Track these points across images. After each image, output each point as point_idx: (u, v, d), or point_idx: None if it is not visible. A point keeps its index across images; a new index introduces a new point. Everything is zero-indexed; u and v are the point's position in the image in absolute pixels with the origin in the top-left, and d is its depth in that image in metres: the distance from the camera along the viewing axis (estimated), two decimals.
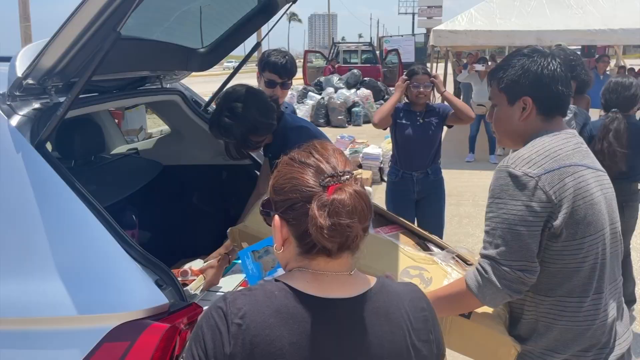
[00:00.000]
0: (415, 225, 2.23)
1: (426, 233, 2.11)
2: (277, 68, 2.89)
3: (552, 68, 1.63)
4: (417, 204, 3.90)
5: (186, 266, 2.39)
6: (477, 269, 1.57)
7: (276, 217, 1.11)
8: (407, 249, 1.91)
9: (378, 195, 6.31)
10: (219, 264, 2.28)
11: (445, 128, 3.96)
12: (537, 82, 1.62)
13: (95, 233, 1.56)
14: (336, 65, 19.09)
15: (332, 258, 1.08)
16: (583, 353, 1.60)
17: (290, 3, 2.57)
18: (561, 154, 1.56)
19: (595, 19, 9.18)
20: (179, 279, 2.01)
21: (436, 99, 4.29)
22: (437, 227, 3.84)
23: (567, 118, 2.74)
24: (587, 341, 1.59)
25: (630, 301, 3.82)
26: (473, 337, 1.73)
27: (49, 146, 1.75)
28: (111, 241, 1.55)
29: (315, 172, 1.07)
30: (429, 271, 1.83)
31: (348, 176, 1.06)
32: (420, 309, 1.15)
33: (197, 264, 2.43)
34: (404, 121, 3.84)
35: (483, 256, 1.57)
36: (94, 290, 1.52)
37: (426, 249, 2.01)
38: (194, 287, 2.22)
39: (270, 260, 1.83)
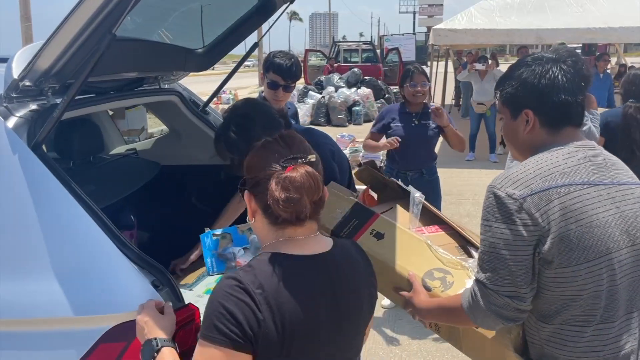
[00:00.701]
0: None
1: (474, 238, 2.02)
2: (282, 70, 2.88)
3: (551, 76, 1.50)
4: None
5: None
6: (470, 291, 1.52)
7: (246, 192, 1.34)
8: (440, 251, 1.87)
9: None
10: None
11: None
12: (535, 93, 1.51)
13: (92, 234, 1.56)
14: (335, 65, 19.04)
15: (298, 225, 1.29)
16: None
17: (288, 3, 2.57)
18: (555, 172, 1.43)
19: (595, 17, 9.19)
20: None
21: (433, 99, 4.28)
22: None
23: (587, 122, 2.70)
24: None
25: None
26: (480, 345, 1.71)
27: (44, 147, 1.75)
28: (107, 242, 1.56)
29: (279, 155, 1.28)
30: (453, 275, 1.80)
31: (303, 160, 1.28)
32: (362, 252, 1.44)
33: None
34: (398, 123, 3.84)
35: (475, 279, 1.52)
36: (91, 291, 1.52)
37: (469, 253, 1.96)
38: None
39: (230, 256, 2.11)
